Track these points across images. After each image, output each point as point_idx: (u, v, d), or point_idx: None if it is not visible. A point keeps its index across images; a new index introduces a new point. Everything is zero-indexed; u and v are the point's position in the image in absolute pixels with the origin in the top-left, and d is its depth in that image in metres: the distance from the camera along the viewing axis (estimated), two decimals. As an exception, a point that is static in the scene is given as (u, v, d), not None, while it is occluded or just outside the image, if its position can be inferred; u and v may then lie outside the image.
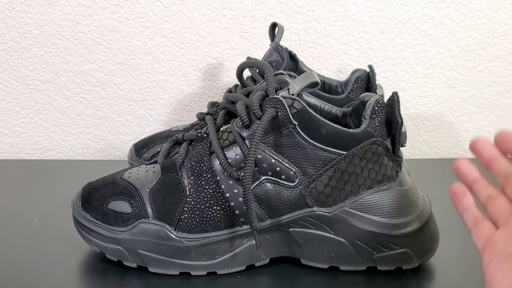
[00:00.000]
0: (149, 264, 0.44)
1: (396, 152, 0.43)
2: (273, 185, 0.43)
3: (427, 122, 0.80)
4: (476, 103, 0.79)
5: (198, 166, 0.44)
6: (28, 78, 0.77)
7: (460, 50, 0.77)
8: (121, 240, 0.44)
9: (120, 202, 0.45)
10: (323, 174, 0.42)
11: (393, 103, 0.42)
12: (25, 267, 0.46)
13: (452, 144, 0.81)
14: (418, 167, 0.70)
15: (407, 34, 0.76)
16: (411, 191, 0.45)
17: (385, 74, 0.77)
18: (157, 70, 0.76)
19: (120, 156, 0.80)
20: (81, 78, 0.77)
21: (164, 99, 0.78)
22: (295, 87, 0.42)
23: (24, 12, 0.74)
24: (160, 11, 0.74)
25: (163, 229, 0.44)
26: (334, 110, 0.47)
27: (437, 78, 0.78)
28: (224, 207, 0.43)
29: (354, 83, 0.59)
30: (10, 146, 0.80)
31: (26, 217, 0.56)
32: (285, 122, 0.41)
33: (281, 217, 0.44)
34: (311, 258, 0.45)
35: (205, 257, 0.44)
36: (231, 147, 0.43)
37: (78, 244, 0.48)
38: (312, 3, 0.74)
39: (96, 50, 0.75)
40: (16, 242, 0.51)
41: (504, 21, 0.75)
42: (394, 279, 0.44)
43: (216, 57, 0.76)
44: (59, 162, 0.78)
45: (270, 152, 0.42)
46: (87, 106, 0.78)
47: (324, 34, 0.75)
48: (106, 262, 0.46)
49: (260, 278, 0.45)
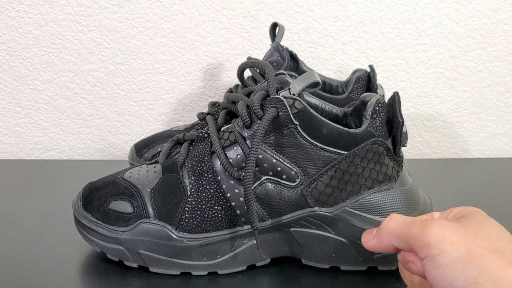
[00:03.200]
0: (150, 264, 0.44)
1: (397, 152, 0.44)
2: (274, 185, 0.43)
3: (427, 122, 0.80)
4: (476, 103, 0.79)
5: (199, 166, 0.44)
6: (28, 78, 0.76)
7: (460, 50, 0.77)
8: (122, 240, 0.44)
9: (121, 202, 0.45)
10: (324, 174, 0.42)
11: (394, 103, 0.42)
12: (25, 267, 0.46)
13: (452, 144, 0.81)
14: (418, 167, 0.71)
15: (407, 34, 0.76)
16: (412, 191, 0.45)
17: (385, 74, 0.77)
18: (157, 70, 0.76)
19: (120, 156, 0.80)
20: (81, 78, 0.76)
21: (164, 99, 0.78)
22: (296, 87, 0.42)
23: (24, 12, 0.74)
24: (160, 11, 0.74)
25: (164, 229, 0.44)
26: (335, 110, 0.47)
27: (437, 78, 0.78)
28: (225, 207, 0.43)
29: (355, 83, 0.59)
30: (10, 146, 0.80)
31: (27, 217, 0.56)
32: (286, 122, 0.41)
33: (282, 217, 0.44)
34: (312, 258, 0.45)
35: (206, 257, 0.44)
36: (232, 147, 0.43)
37: (79, 244, 0.48)
38: (312, 3, 0.74)
39: (96, 50, 0.75)
40: (16, 242, 0.51)
41: (504, 21, 0.75)
42: (394, 279, 0.44)
43: (216, 57, 0.76)
44: (59, 162, 0.78)
45: (271, 152, 0.42)
46: (87, 106, 0.78)
47: (324, 34, 0.76)
48: (107, 262, 0.46)
49: (261, 278, 0.45)
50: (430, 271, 0.31)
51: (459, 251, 0.30)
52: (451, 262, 0.30)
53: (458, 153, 0.82)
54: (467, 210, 0.35)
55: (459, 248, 0.30)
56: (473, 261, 0.29)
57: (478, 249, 0.30)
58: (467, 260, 0.30)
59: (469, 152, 0.81)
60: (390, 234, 0.35)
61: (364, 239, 0.38)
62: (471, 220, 0.33)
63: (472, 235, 0.31)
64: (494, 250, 0.30)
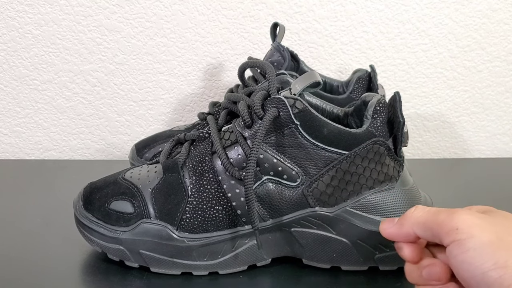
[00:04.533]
0: (151, 264, 0.44)
1: (398, 152, 0.44)
2: (275, 185, 0.43)
3: (427, 122, 0.80)
4: (476, 103, 0.79)
5: (200, 166, 0.44)
6: (28, 78, 0.76)
7: (460, 50, 0.77)
8: (123, 240, 0.44)
9: (122, 202, 0.45)
10: (325, 174, 0.42)
11: (395, 103, 0.42)
12: (26, 267, 0.46)
13: (452, 144, 0.81)
14: (418, 167, 0.71)
15: (407, 34, 0.76)
16: (413, 191, 0.45)
17: (385, 74, 0.77)
18: (157, 70, 0.76)
19: (120, 156, 0.80)
20: (81, 78, 0.76)
21: (164, 99, 0.78)
22: (297, 87, 0.42)
23: (24, 12, 0.74)
24: (160, 11, 0.74)
25: (165, 229, 0.44)
26: (335, 110, 0.47)
27: (437, 78, 0.78)
28: (226, 207, 0.43)
29: (356, 83, 0.59)
30: (10, 146, 0.79)
31: (27, 217, 0.56)
32: (287, 122, 0.41)
33: (283, 217, 0.44)
34: (312, 258, 0.45)
35: (207, 257, 0.44)
36: (233, 147, 0.43)
37: (79, 244, 0.48)
38: (312, 3, 0.74)
39: (96, 50, 0.75)
40: (17, 242, 0.51)
41: (504, 21, 0.75)
42: (395, 279, 0.44)
43: (216, 57, 0.76)
44: (59, 162, 0.78)
45: (272, 152, 0.42)
46: (87, 106, 0.78)
47: (324, 34, 0.76)
48: (108, 262, 0.46)
49: (262, 278, 0.45)
50: (457, 256, 0.30)
51: (489, 236, 0.30)
52: (480, 246, 0.30)
53: (458, 153, 0.82)
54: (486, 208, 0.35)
55: (489, 234, 0.30)
56: (503, 246, 0.29)
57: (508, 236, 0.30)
58: (497, 244, 0.29)
59: (469, 152, 0.81)
60: (414, 222, 0.35)
61: (383, 226, 0.37)
62: (497, 214, 0.33)
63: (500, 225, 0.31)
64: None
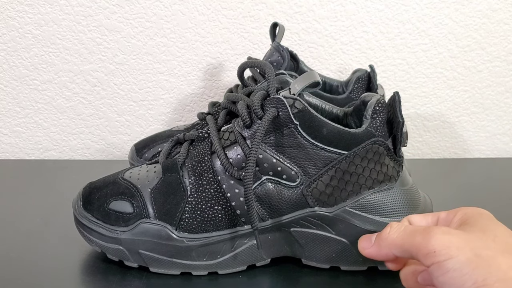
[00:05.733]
0: (150, 264, 0.44)
1: (397, 152, 0.44)
2: (274, 185, 0.43)
3: (427, 122, 0.80)
4: (476, 103, 0.79)
5: (199, 166, 0.44)
6: (28, 78, 0.76)
7: (460, 50, 0.77)
8: (122, 240, 0.44)
9: (121, 202, 0.45)
10: (324, 174, 0.42)
11: (395, 103, 0.42)
12: (25, 267, 0.46)
13: (452, 144, 0.81)
14: (418, 167, 0.71)
15: (407, 34, 0.76)
16: (412, 191, 0.45)
17: (385, 74, 0.77)
18: (157, 70, 0.76)
19: (120, 156, 0.80)
20: (81, 78, 0.76)
21: (164, 99, 0.78)
22: (296, 87, 0.42)
23: (24, 12, 0.74)
24: (160, 11, 0.74)
25: (164, 229, 0.44)
26: (335, 110, 0.47)
27: (437, 78, 0.78)
28: (225, 207, 0.43)
29: (355, 83, 0.59)
30: (10, 146, 0.80)
31: (27, 217, 0.56)
32: (286, 122, 0.41)
33: (282, 217, 0.44)
34: (312, 258, 0.45)
35: (206, 257, 0.44)
36: (232, 147, 0.43)
37: (79, 244, 0.48)
38: (312, 3, 0.74)
39: (96, 50, 0.75)
40: (16, 242, 0.51)
41: (504, 21, 0.75)
42: (394, 279, 0.44)
43: (216, 57, 0.76)
44: (59, 162, 0.78)
45: (271, 152, 0.42)
46: (87, 106, 0.78)
47: (324, 34, 0.76)
48: (107, 262, 0.46)
49: (261, 278, 0.45)
50: (438, 277, 0.31)
51: (466, 254, 0.30)
52: (459, 266, 0.30)
53: (458, 153, 0.82)
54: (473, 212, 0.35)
55: (466, 252, 0.30)
56: (481, 263, 0.29)
57: (485, 251, 0.30)
58: (475, 263, 0.30)
59: (469, 152, 0.81)
60: (391, 244, 0.35)
61: (362, 246, 0.38)
62: (474, 227, 0.33)
63: (476, 240, 0.31)
64: (502, 251, 0.30)
